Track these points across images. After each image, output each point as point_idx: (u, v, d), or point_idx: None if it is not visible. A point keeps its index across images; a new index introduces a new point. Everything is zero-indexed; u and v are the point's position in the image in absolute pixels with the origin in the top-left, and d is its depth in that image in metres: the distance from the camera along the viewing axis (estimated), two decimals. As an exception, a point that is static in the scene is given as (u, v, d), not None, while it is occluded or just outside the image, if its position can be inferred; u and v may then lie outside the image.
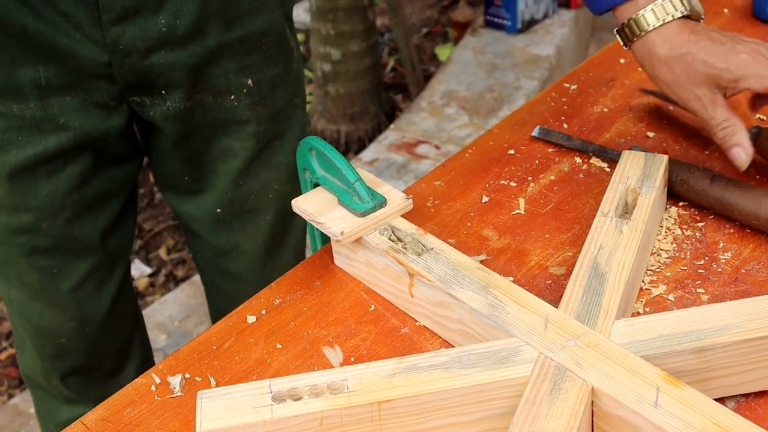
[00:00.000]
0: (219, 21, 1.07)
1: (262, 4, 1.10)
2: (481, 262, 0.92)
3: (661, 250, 0.92)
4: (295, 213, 0.92)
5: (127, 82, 1.06)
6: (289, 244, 1.30)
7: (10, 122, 1.04)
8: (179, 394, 0.81)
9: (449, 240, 0.96)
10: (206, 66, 1.09)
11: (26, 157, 1.06)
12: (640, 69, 1.24)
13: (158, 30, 1.03)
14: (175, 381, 0.82)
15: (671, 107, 1.15)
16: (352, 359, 0.83)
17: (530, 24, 3.28)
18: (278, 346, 0.85)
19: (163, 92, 1.09)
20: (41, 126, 1.05)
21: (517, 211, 1.00)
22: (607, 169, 1.05)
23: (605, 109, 1.17)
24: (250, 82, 1.13)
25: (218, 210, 1.23)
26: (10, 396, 2.31)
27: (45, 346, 1.26)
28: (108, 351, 1.31)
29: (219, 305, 1.39)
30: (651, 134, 1.11)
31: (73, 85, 1.04)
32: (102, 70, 1.04)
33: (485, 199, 1.02)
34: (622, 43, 0.99)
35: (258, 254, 1.28)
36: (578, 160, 1.07)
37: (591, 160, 1.07)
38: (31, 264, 1.15)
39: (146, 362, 1.39)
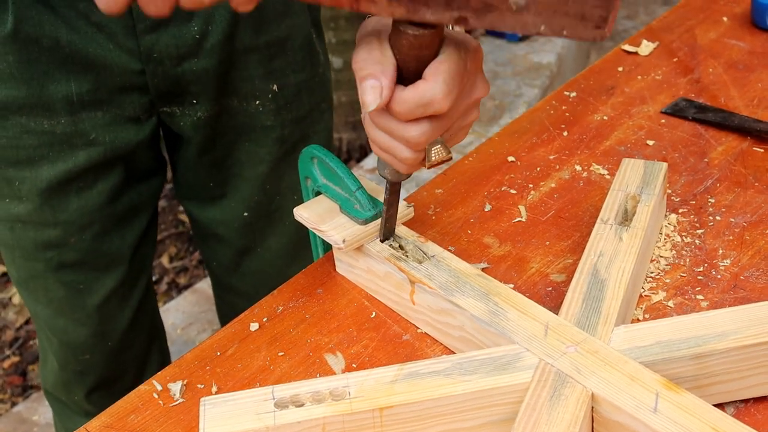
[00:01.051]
0: (248, 26, 1.07)
1: (288, 9, 1.10)
2: (482, 269, 0.93)
3: (661, 257, 0.93)
4: None
5: (159, 92, 1.07)
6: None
7: (41, 138, 1.04)
8: (180, 400, 0.82)
9: (450, 247, 0.96)
10: (233, 71, 1.09)
11: (57, 173, 1.06)
12: (640, 77, 1.25)
13: (191, 37, 1.03)
14: (176, 388, 0.82)
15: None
16: (354, 366, 0.83)
17: (531, 32, 3.29)
18: (281, 353, 0.86)
19: (194, 101, 1.09)
20: (72, 141, 1.05)
21: (518, 219, 1.01)
22: (607, 177, 1.06)
23: (605, 117, 1.18)
24: (275, 87, 1.13)
25: (245, 213, 1.22)
26: (13, 404, 2.31)
27: (69, 362, 1.25)
28: (129, 362, 1.30)
29: (235, 310, 1.37)
30: (650, 142, 1.12)
31: (104, 101, 1.04)
32: (135, 79, 1.04)
33: (486, 206, 1.03)
34: None
35: (284, 252, 1.27)
36: (578, 167, 1.08)
37: (591, 168, 1.08)
38: (58, 279, 1.15)
39: None
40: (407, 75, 0.70)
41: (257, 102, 1.13)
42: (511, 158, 1.11)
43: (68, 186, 1.08)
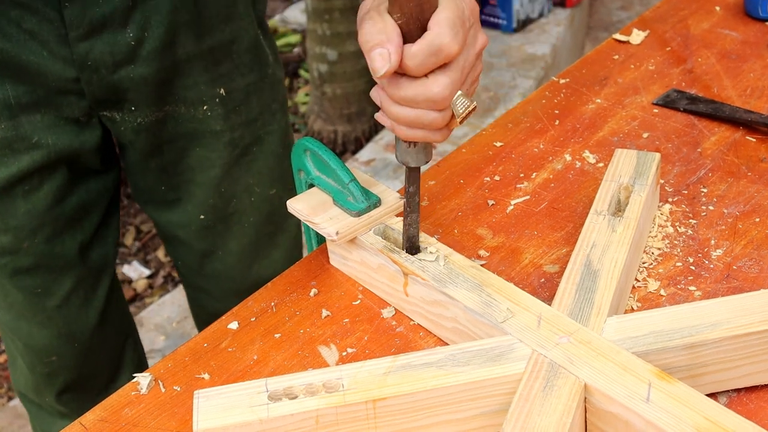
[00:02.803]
0: (188, 32, 1.05)
1: (231, 12, 1.08)
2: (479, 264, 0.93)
3: (654, 247, 0.93)
4: (287, 213, 0.91)
5: (96, 98, 1.05)
6: (280, 244, 1.29)
7: None
8: (145, 393, 0.81)
9: (439, 237, 0.96)
10: (176, 78, 1.07)
11: (2, 179, 1.04)
12: (632, 66, 1.25)
13: (126, 44, 1.01)
14: (144, 382, 0.82)
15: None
16: (347, 356, 0.84)
17: (526, 23, 3.29)
18: (274, 345, 0.86)
19: (133, 108, 1.07)
20: (14, 146, 1.03)
21: (511, 210, 1.01)
22: (600, 167, 1.06)
23: (598, 108, 1.18)
24: (222, 91, 1.11)
25: (201, 216, 1.21)
26: (10, 398, 2.31)
27: (36, 365, 1.24)
28: (101, 363, 1.29)
29: (206, 307, 1.37)
30: (643, 132, 1.12)
31: (42, 102, 1.03)
32: (71, 86, 1.03)
33: (480, 198, 1.03)
34: None
35: (245, 254, 1.27)
36: (568, 157, 1.08)
37: (584, 158, 1.08)
38: (15, 285, 1.14)
39: (140, 369, 1.37)
40: (411, 35, 0.72)
41: (204, 107, 1.11)
42: (504, 149, 1.11)
43: (14, 190, 1.06)
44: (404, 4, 0.70)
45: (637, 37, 1.32)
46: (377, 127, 3.17)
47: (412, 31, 0.71)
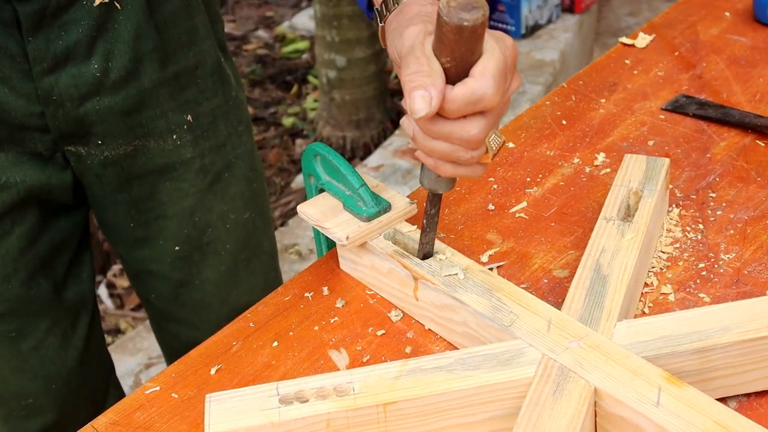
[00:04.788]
0: (152, 59, 1.03)
1: (193, 36, 1.07)
2: (496, 267, 0.93)
3: (663, 252, 0.93)
4: (260, 241, 0.90)
5: (61, 132, 1.02)
6: (256, 271, 1.25)
7: None
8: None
9: (452, 241, 0.96)
10: (143, 108, 1.05)
11: None
12: (642, 73, 1.25)
13: (92, 76, 0.99)
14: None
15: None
16: (358, 360, 0.84)
17: (534, 29, 3.29)
18: (285, 349, 0.86)
19: (99, 142, 1.04)
20: None
21: (521, 215, 1.01)
22: (610, 172, 1.06)
23: (607, 113, 1.18)
24: (189, 117, 1.09)
25: (176, 248, 1.17)
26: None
27: (12, 410, 1.18)
28: (82, 404, 1.24)
29: (181, 338, 1.30)
30: (652, 138, 1.12)
31: (4, 140, 1.00)
32: (35, 121, 1.00)
33: (489, 203, 1.03)
34: (379, 20, 0.88)
35: (223, 282, 1.23)
36: (578, 162, 1.08)
37: (594, 163, 1.08)
38: None
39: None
40: (452, 78, 0.72)
41: (174, 136, 1.09)
42: (513, 155, 1.12)
43: None
44: (456, 49, 0.70)
45: (642, 40, 1.33)
46: (386, 133, 3.17)
47: (457, 74, 0.72)
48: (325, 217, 0.90)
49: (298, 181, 3.03)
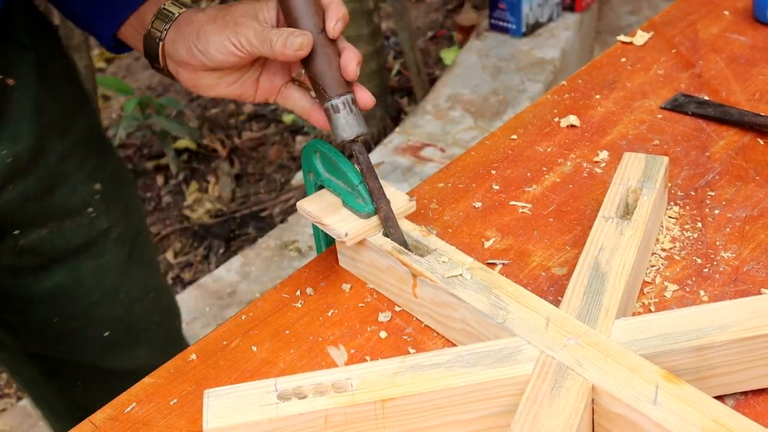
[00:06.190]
0: (53, 133, 1.00)
1: (79, 99, 1.05)
2: (488, 265, 0.93)
3: (662, 249, 0.93)
4: (172, 296, 0.85)
5: None
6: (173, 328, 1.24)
7: None
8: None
9: (450, 240, 0.97)
10: (56, 186, 1.02)
11: None
12: (641, 72, 1.25)
13: (3, 163, 0.95)
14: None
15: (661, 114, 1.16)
16: (356, 356, 0.84)
17: (535, 27, 3.29)
18: (284, 345, 0.86)
19: (16, 232, 1.01)
20: None
21: (520, 212, 1.01)
22: (609, 171, 1.06)
23: (607, 111, 1.18)
24: (98, 186, 1.07)
25: (106, 333, 1.13)
26: (19, 398, 2.33)
27: None
28: None
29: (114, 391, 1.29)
30: (652, 136, 1.12)
31: None
32: None
33: (488, 200, 1.03)
34: (157, 41, 0.87)
35: (159, 353, 1.14)
36: (577, 160, 1.09)
37: (593, 161, 1.08)
38: None
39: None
40: None
41: (89, 209, 1.06)
42: (513, 152, 1.12)
43: None
44: None
45: (641, 38, 1.33)
46: (386, 130, 3.18)
47: None
48: (324, 214, 0.90)
49: (298, 177, 3.03)
